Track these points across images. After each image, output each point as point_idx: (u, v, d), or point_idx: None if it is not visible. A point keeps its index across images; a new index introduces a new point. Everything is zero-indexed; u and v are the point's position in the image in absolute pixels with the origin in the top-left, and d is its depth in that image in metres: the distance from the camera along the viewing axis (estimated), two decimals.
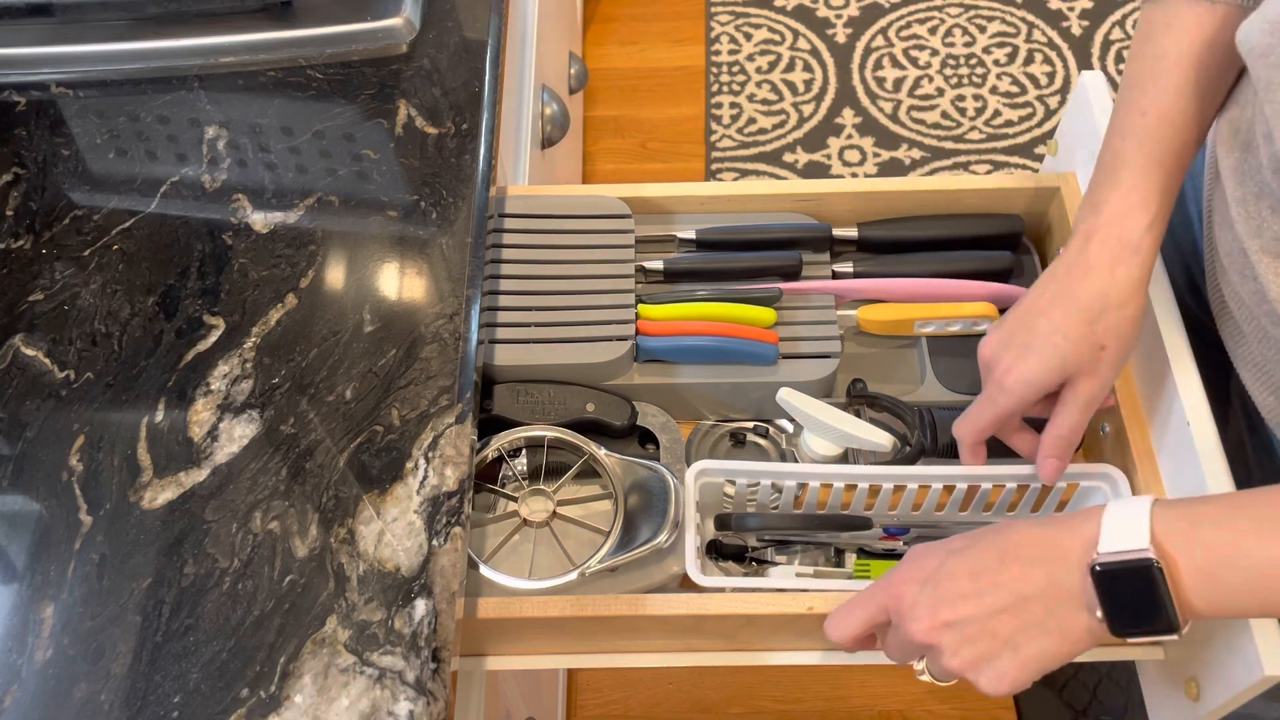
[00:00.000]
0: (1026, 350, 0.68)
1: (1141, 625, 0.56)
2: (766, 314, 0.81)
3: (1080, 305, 0.67)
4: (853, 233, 0.87)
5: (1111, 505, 0.58)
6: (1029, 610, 0.58)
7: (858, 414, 0.80)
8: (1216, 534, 0.56)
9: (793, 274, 0.85)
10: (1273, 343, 0.68)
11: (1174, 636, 0.56)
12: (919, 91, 2.03)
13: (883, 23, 2.12)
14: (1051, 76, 2.03)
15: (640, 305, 0.81)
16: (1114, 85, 1.99)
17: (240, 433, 0.67)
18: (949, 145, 1.96)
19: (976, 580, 0.59)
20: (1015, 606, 0.58)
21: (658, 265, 0.85)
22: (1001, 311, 0.83)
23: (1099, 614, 0.57)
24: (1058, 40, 2.08)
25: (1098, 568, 0.56)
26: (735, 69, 2.08)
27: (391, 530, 0.63)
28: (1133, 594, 0.56)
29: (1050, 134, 1.95)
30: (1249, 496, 0.58)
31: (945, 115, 1.99)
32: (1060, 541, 0.58)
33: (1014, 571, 0.59)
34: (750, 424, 0.83)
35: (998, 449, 0.78)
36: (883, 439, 0.76)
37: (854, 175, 1.92)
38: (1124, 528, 0.56)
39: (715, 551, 0.78)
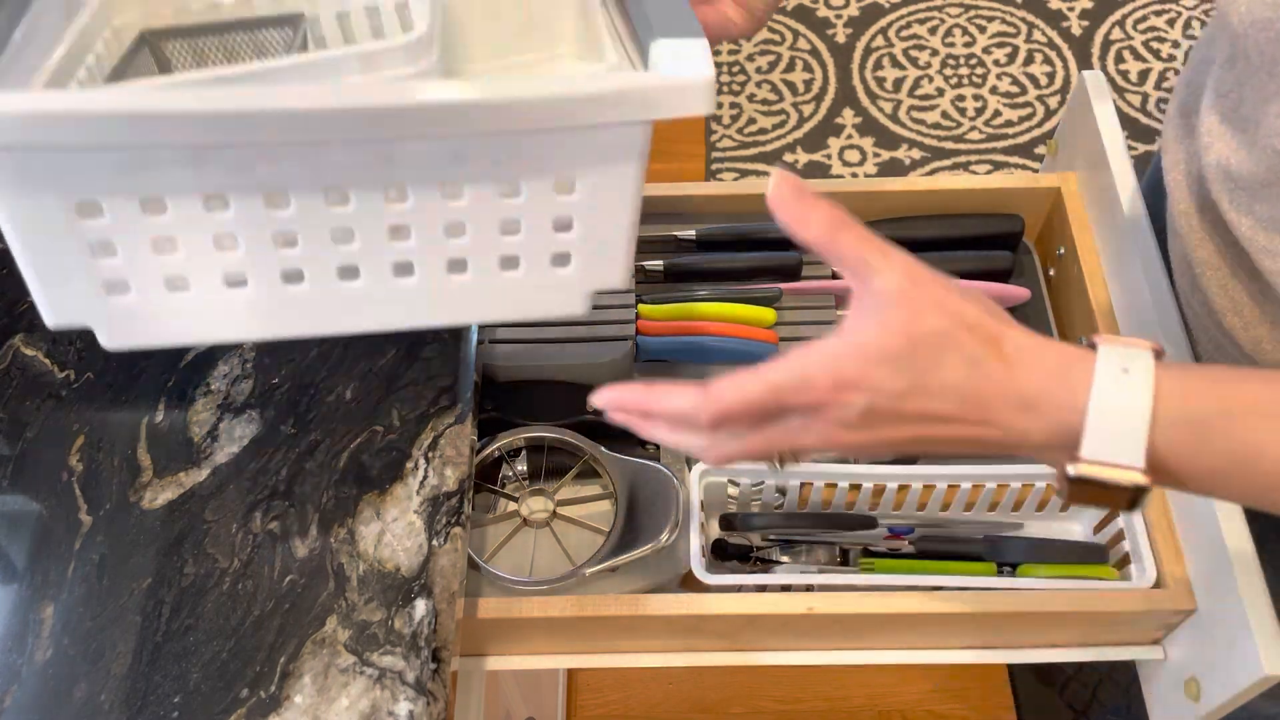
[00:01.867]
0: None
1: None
2: (766, 314, 0.81)
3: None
4: None
5: (1100, 385, 0.46)
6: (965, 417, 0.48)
7: None
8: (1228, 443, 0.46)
9: (793, 274, 0.85)
10: (1228, 356, 0.67)
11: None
12: (919, 91, 2.03)
13: (883, 23, 2.12)
14: (1051, 76, 2.03)
15: (640, 305, 0.81)
16: (1114, 85, 1.99)
17: (240, 433, 0.67)
18: (949, 145, 1.96)
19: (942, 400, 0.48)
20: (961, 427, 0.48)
21: (658, 265, 0.85)
22: None
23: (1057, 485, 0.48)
24: (1058, 40, 2.08)
25: (1071, 473, 0.46)
26: (735, 69, 2.08)
27: (391, 530, 0.63)
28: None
29: (1050, 134, 1.95)
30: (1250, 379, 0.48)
31: (945, 115, 1.99)
32: (1036, 412, 0.47)
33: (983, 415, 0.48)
34: None
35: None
36: None
37: (854, 175, 1.92)
38: (1116, 431, 0.46)
39: (720, 551, 0.78)
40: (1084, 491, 0.47)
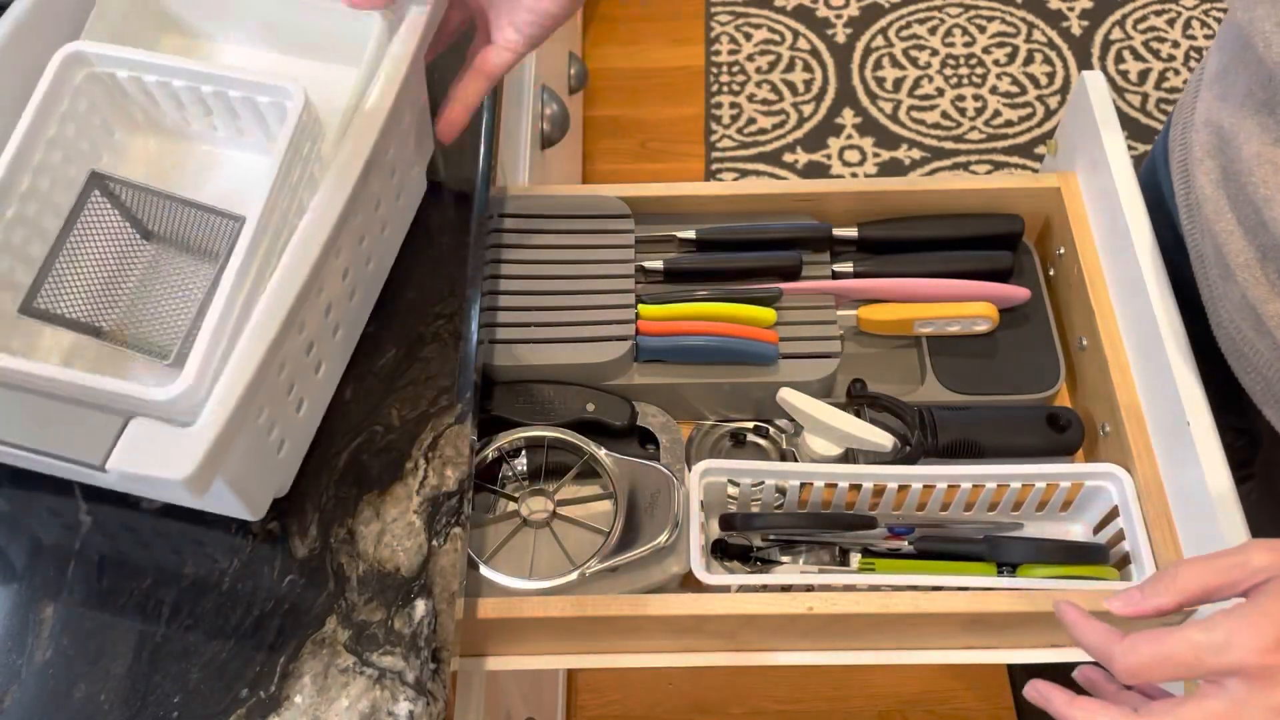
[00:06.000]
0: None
1: None
2: (766, 314, 0.81)
3: None
4: (853, 233, 0.87)
5: None
6: None
7: (858, 414, 0.80)
8: None
9: (793, 274, 0.85)
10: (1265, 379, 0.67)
11: None
12: (919, 91, 2.03)
13: (883, 23, 2.12)
14: (1051, 76, 2.03)
15: (640, 305, 0.81)
16: (1114, 85, 1.99)
17: None
18: (949, 145, 1.96)
19: None
20: None
21: (658, 265, 0.85)
22: (1002, 312, 0.83)
23: None
24: (1058, 40, 2.08)
25: None
26: (735, 69, 2.08)
27: (391, 530, 0.63)
28: None
29: (1050, 134, 1.95)
30: None
31: (945, 115, 1.99)
32: None
33: None
34: (750, 424, 0.83)
35: (997, 449, 0.78)
36: (883, 439, 0.76)
37: (854, 175, 1.92)
38: None
39: (720, 551, 0.78)
40: None
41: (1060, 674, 0.59)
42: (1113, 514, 0.75)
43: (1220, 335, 0.73)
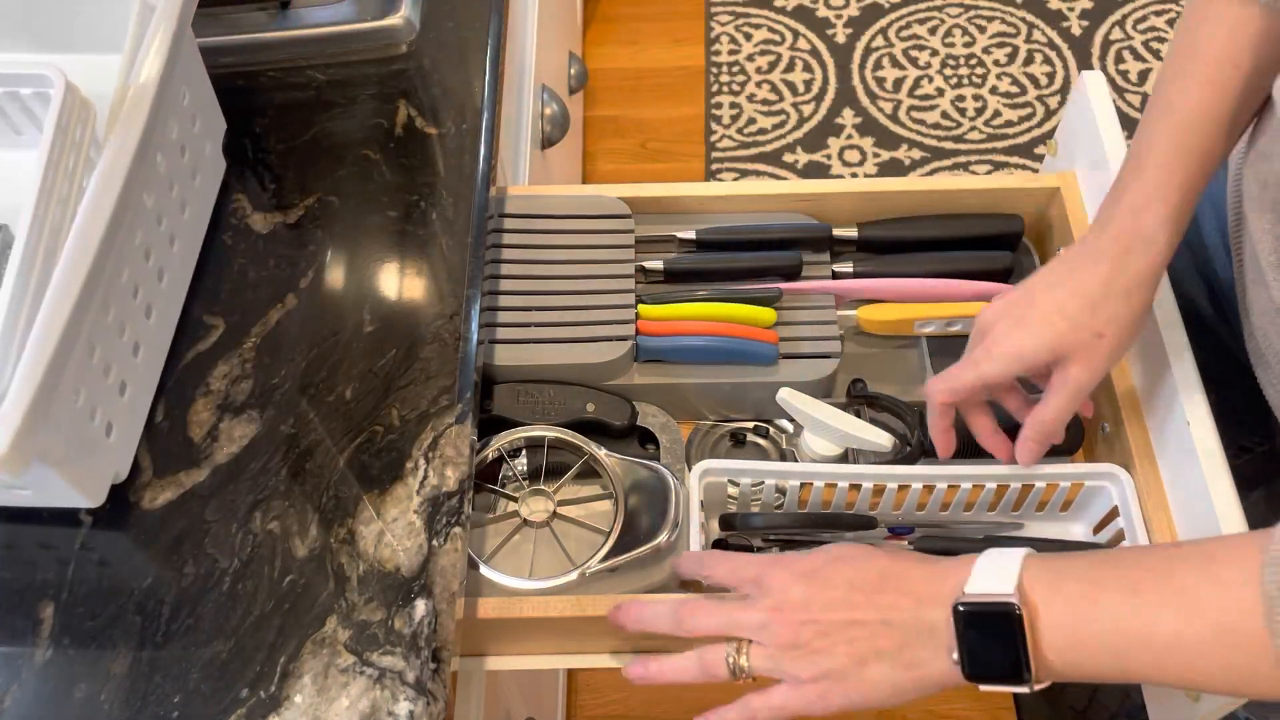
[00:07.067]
0: (1022, 322, 0.67)
1: (994, 673, 0.56)
2: (766, 314, 0.81)
3: (1085, 288, 0.66)
4: (853, 233, 0.87)
5: (987, 553, 0.58)
6: (888, 636, 0.58)
7: (858, 414, 0.80)
8: (1079, 587, 0.56)
9: (793, 274, 0.85)
10: None
11: (1025, 689, 0.57)
12: (919, 91, 2.03)
13: (883, 23, 2.12)
14: (1051, 76, 2.03)
15: (640, 305, 0.81)
16: (1114, 85, 1.99)
17: (240, 433, 0.66)
18: (949, 145, 1.96)
19: (851, 593, 0.59)
20: (877, 629, 0.58)
21: (658, 265, 0.85)
22: None
23: (954, 656, 0.57)
24: (1058, 40, 2.08)
25: (960, 607, 0.56)
26: (735, 69, 2.08)
27: (391, 530, 0.63)
28: (990, 640, 0.56)
29: (1050, 134, 1.95)
30: (1119, 555, 0.58)
31: (945, 115, 1.99)
32: (936, 581, 0.58)
33: (889, 598, 0.59)
34: (750, 424, 0.83)
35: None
36: (883, 439, 0.76)
37: (854, 175, 1.92)
38: (993, 573, 0.57)
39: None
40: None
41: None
42: (1113, 514, 0.75)
43: (1250, 345, 0.73)
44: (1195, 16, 0.68)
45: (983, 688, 0.57)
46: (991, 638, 0.56)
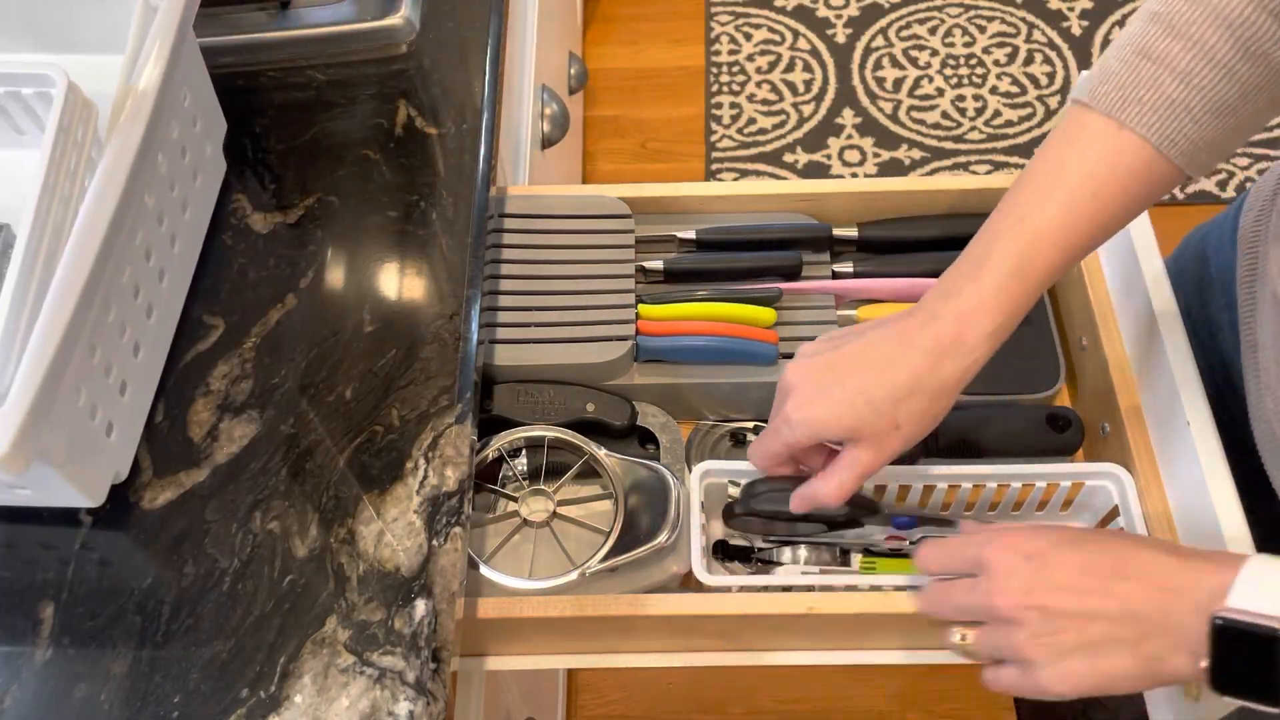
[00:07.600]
0: (825, 394, 0.65)
1: (1245, 691, 0.53)
2: (766, 314, 0.81)
3: (894, 380, 0.64)
4: (853, 233, 0.87)
5: (1255, 559, 0.54)
6: (1129, 627, 0.56)
7: None
8: None
9: (793, 274, 0.85)
10: None
11: (1275, 709, 0.53)
12: (919, 91, 2.03)
13: (883, 23, 2.12)
14: (1051, 76, 2.03)
15: (640, 305, 0.81)
16: None
17: (240, 433, 0.67)
18: (949, 145, 1.96)
19: (1086, 577, 0.57)
20: (1117, 619, 0.56)
21: (658, 265, 0.85)
22: None
23: (1203, 664, 0.53)
24: (1058, 40, 2.08)
25: (1219, 621, 0.53)
26: (735, 69, 2.08)
27: (391, 530, 0.63)
28: (1248, 658, 0.52)
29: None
30: None
31: (945, 115, 1.99)
32: (1189, 577, 0.55)
33: (1130, 586, 0.56)
34: (750, 424, 0.83)
35: (997, 449, 0.78)
36: None
37: (854, 175, 1.92)
38: (1264, 590, 0.53)
39: (721, 552, 0.78)
40: None
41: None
42: (1113, 514, 0.75)
43: (1258, 428, 0.73)
44: (1068, 134, 0.64)
45: (1224, 698, 0.54)
46: (1249, 658, 0.52)
